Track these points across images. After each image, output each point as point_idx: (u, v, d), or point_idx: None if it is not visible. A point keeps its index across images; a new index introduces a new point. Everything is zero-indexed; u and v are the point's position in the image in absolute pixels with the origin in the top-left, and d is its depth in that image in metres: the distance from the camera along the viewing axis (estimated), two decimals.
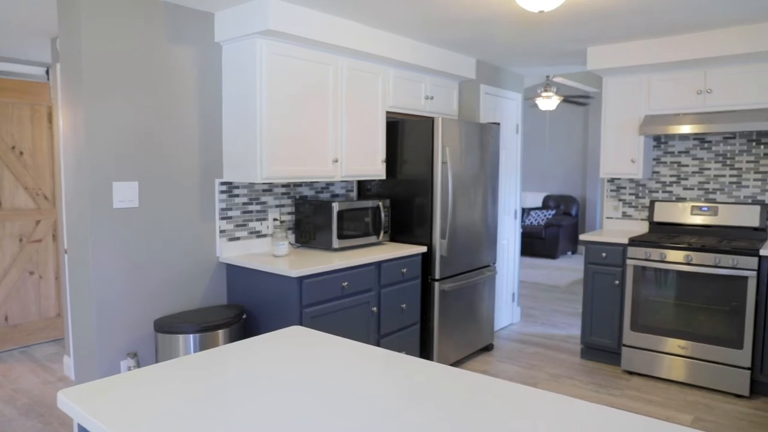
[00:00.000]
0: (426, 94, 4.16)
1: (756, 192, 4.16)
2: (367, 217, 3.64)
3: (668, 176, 4.52)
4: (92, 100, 2.69)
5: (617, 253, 4.10)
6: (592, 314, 4.25)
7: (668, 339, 3.88)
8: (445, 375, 1.39)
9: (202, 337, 2.81)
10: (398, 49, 3.78)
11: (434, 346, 3.84)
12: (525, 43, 4.11)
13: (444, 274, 3.87)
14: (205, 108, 3.16)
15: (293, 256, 3.31)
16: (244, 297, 3.21)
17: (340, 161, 3.52)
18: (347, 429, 1.10)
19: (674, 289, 3.85)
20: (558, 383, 3.89)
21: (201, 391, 1.29)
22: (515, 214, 5.31)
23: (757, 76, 3.79)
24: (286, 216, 3.64)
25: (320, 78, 3.35)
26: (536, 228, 9.11)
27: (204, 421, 1.14)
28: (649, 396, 3.68)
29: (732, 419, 3.35)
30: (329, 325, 3.11)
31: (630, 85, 4.29)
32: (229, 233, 3.32)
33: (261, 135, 3.05)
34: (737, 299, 3.63)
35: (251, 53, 3.03)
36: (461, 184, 3.97)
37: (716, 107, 3.94)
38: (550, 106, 7.46)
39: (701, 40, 3.79)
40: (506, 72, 5.19)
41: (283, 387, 1.32)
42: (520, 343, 4.76)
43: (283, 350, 1.59)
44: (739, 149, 4.21)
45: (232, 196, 3.33)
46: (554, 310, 5.87)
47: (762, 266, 3.57)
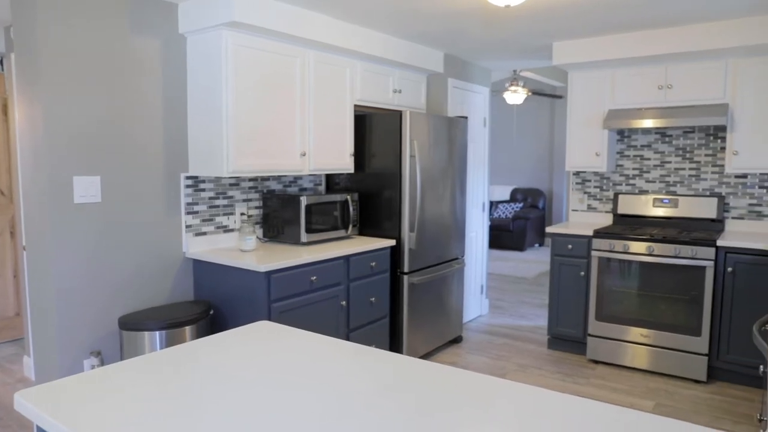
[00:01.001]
0: (394, 88, 4.16)
1: (714, 185, 4.29)
2: (336, 211, 3.62)
3: (631, 169, 4.62)
4: (50, 92, 2.61)
5: (582, 245, 4.18)
6: (559, 305, 4.33)
7: (631, 328, 3.98)
8: (414, 368, 1.40)
9: (168, 333, 2.76)
10: (366, 42, 3.76)
11: (404, 339, 3.86)
12: (492, 37, 4.14)
13: (413, 267, 3.89)
14: (169, 101, 3.09)
15: (261, 250, 3.28)
16: (212, 293, 3.17)
17: (308, 155, 3.49)
18: (317, 423, 1.10)
19: (637, 279, 3.95)
20: (525, 373, 3.96)
21: (167, 388, 1.27)
22: (483, 207, 5.37)
23: (714, 72, 3.90)
24: (253, 210, 3.60)
25: (287, 71, 3.32)
26: (504, 221, 9.22)
27: (171, 419, 1.12)
28: (613, 384, 3.77)
29: (691, 404, 3.46)
30: (298, 320, 3.10)
31: (594, 80, 4.36)
32: (196, 228, 3.27)
33: (227, 128, 3.00)
34: (696, 288, 3.74)
35: (216, 45, 2.98)
36: (429, 178, 3.99)
37: (676, 102, 4.04)
38: (517, 100, 7.54)
39: (663, 37, 3.87)
40: (474, 66, 5.23)
41: (252, 383, 1.31)
42: (488, 335, 4.82)
43: (251, 346, 1.57)
44: (698, 143, 4.33)
45: (198, 191, 3.28)
46: (522, 302, 5.96)
47: (719, 256, 3.69)
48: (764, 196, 4.11)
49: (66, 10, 2.63)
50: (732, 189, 4.22)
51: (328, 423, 1.10)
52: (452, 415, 1.13)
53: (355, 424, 1.09)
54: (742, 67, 3.82)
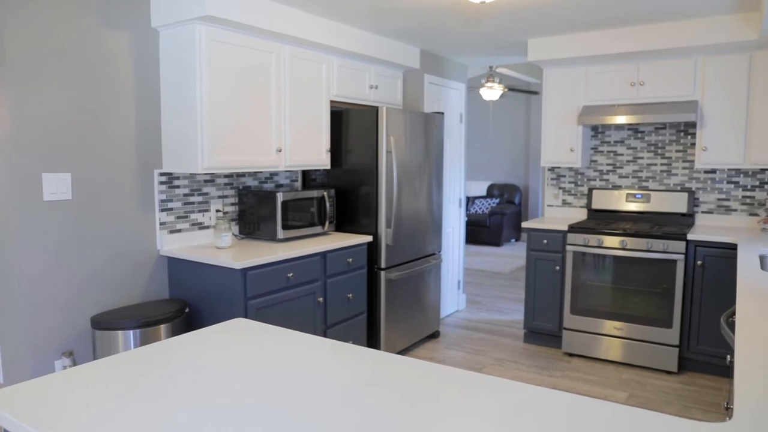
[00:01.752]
0: (370, 84, 4.15)
1: (684, 180, 4.38)
2: (313, 207, 3.61)
3: (605, 165, 4.69)
4: (17, 87, 2.54)
5: (557, 239, 4.23)
6: (535, 299, 4.38)
7: (605, 321, 4.04)
8: (391, 363, 1.40)
9: (142, 332, 2.72)
10: (342, 37, 3.75)
11: (381, 335, 3.87)
12: (468, 33, 4.15)
13: (390, 263, 3.89)
14: (142, 96, 3.04)
15: (237, 247, 3.25)
16: (187, 290, 3.13)
17: (284, 151, 3.47)
18: (294, 421, 1.09)
19: (611, 273, 4.01)
20: (502, 367, 4.00)
21: (141, 387, 1.25)
22: (460, 203, 5.39)
23: (684, 70, 3.97)
24: (229, 207, 3.56)
25: (263, 66, 3.28)
26: (481, 216, 9.29)
27: (146, 419, 1.10)
28: (587, 376, 3.84)
29: (662, 394, 3.53)
30: (275, 317, 3.08)
31: (569, 77, 4.41)
32: (170, 225, 3.22)
33: (201, 124, 2.96)
34: (667, 281, 3.81)
35: (190, 40, 2.93)
36: (406, 174, 3.99)
37: (648, 99, 4.11)
38: (493, 97, 7.59)
39: (635, 35, 3.93)
40: (450, 62, 5.24)
41: (228, 381, 1.29)
42: (465, 330, 4.85)
43: (227, 343, 1.56)
44: (669, 139, 4.42)
45: (173, 187, 3.23)
46: (498, 297, 6.01)
47: (689, 250, 3.77)
48: (732, 191, 4.20)
49: (32, 1, 2.56)
50: (701, 184, 4.31)
51: (306, 419, 1.10)
52: (431, 412, 1.13)
53: (334, 420, 1.09)
54: (710, 64, 3.90)
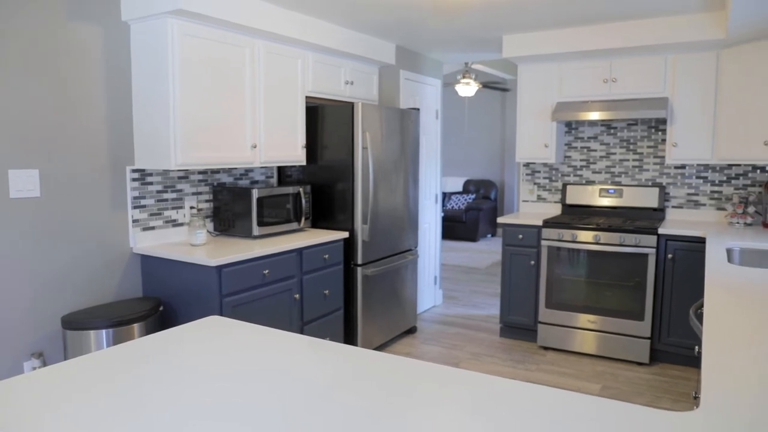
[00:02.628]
0: (346, 79, 4.14)
1: (655, 175, 4.46)
2: (288, 204, 3.59)
3: (579, 160, 4.75)
4: None
5: (532, 234, 4.28)
6: (510, 294, 4.42)
7: (579, 315, 4.11)
8: (368, 359, 1.40)
9: (115, 332, 2.68)
10: (317, 33, 3.72)
11: (358, 331, 3.87)
12: (443, 29, 4.17)
13: (366, 259, 3.89)
14: (113, 91, 2.98)
15: (212, 244, 3.22)
16: (161, 289, 3.09)
17: (259, 147, 3.44)
18: (271, 418, 1.09)
19: (585, 267, 4.07)
20: (479, 361, 4.03)
21: (113, 387, 1.23)
22: (436, 199, 5.42)
23: (654, 67, 4.05)
24: (203, 204, 3.52)
25: (237, 61, 3.25)
26: (457, 212, 9.34)
27: (118, 420, 1.08)
28: (562, 369, 3.89)
29: (634, 385, 3.60)
30: (251, 314, 3.06)
31: (543, 73, 4.45)
32: (143, 223, 3.18)
33: (174, 120, 2.92)
34: (639, 275, 3.89)
35: (162, 34, 2.89)
36: (382, 170, 4.00)
37: (620, 95, 4.17)
38: (469, 93, 7.62)
39: (607, 32, 3.99)
40: (426, 58, 5.25)
41: (202, 379, 1.28)
42: (442, 325, 4.88)
43: (201, 341, 1.55)
44: (641, 135, 4.49)
45: (146, 184, 3.18)
46: (475, 292, 6.06)
47: (660, 244, 3.84)
48: (701, 186, 4.30)
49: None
50: (672, 179, 4.40)
51: (283, 416, 1.09)
52: (407, 408, 1.14)
53: (311, 416, 1.09)
54: (680, 62, 3.98)
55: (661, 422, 1.03)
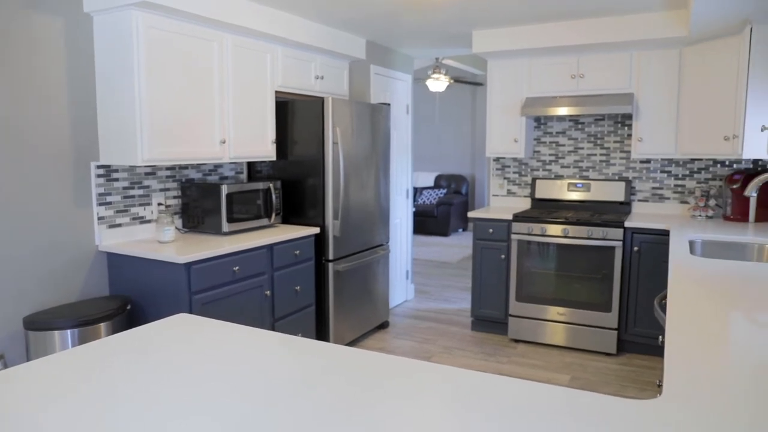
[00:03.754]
0: (316, 74, 4.11)
1: (621, 170, 4.55)
2: (258, 200, 3.55)
3: (547, 155, 4.81)
4: None
5: (503, 228, 4.32)
6: (481, 288, 4.47)
7: (549, 307, 4.17)
8: (340, 355, 1.40)
9: (81, 332, 2.62)
10: (287, 27, 3.69)
11: (330, 327, 3.86)
12: (414, 24, 4.17)
13: (338, 254, 3.88)
14: (75, 85, 2.90)
15: (181, 241, 3.17)
16: (129, 287, 3.03)
17: (228, 142, 3.39)
18: (240, 416, 1.08)
19: (554, 260, 4.14)
20: (451, 355, 4.06)
21: (78, 388, 1.21)
22: (407, 194, 5.43)
23: (620, 63, 4.12)
24: (172, 200, 3.47)
25: (204, 55, 3.20)
26: (428, 207, 9.38)
27: (83, 421, 1.06)
28: (532, 361, 3.95)
29: (602, 375, 3.68)
30: (221, 312, 3.02)
31: (512, 69, 4.50)
32: (109, 220, 3.11)
33: (140, 115, 2.86)
34: (606, 267, 3.97)
35: (126, 27, 2.82)
36: (353, 165, 3.99)
37: (588, 91, 4.24)
38: (439, 88, 7.65)
39: (575, 28, 4.04)
40: (396, 53, 5.25)
41: (171, 378, 1.26)
42: (414, 319, 4.90)
43: (169, 340, 1.52)
44: (608, 130, 4.58)
45: (111, 180, 3.11)
46: (446, 286, 6.10)
47: (626, 237, 3.93)
48: (665, 180, 4.40)
49: None
50: (638, 173, 4.50)
51: (253, 413, 1.08)
52: (378, 399, 1.14)
53: (281, 413, 1.08)
54: (644, 59, 4.06)
55: (626, 410, 1.06)
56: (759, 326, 1.57)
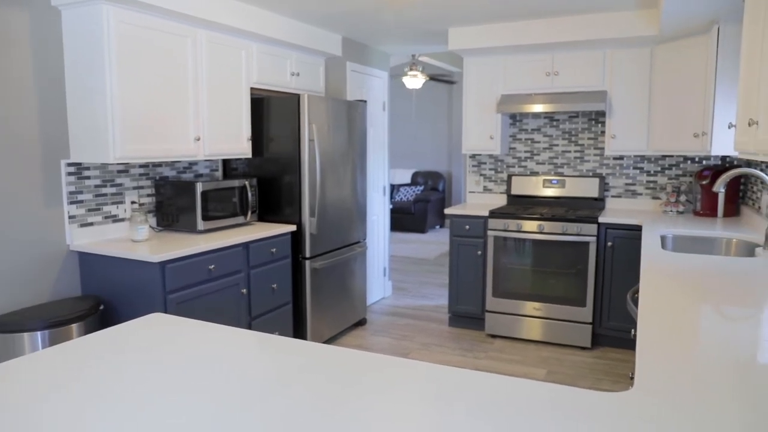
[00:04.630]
0: (292, 71, 4.08)
1: (595, 166, 4.61)
2: (234, 197, 3.52)
3: (523, 152, 4.86)
4: None
5: (479, 225, 4.35)
6: (458, 284, 4.49)
7: (525, 302, 4.22)
8: (317, 353, 1.40)
9: (51, 333, 2.57)
10: (262, 23, 3.66)
11: (307, 325, 3.85)
12: (389, 21, 4.17)
13: (314, 252, 3.87)
14: (44, 81, 2.83)
15: (155, 240, 3.12)
16: (102, 287, 2.98)
17: (203, 139, 3.35)
18: (216, 415, 1.07)
19: (530, 256, 4.18)
20: (428, 351, 4.08)
21: (46, 391, 1.18)
22: (384, 191, 5.43)
23: (594, 61, 4.18)
24: (145, 198, 3.41)
25: (178, 51, 3.15)
26: (406, 204, 9.40)
27: (50, 425, 1.04)
28: (509, 356, 3.99)
29: (577, 369, 3.73)
30: (197, 311, 2.99)
31: (488, 66, 4.52)
32: (81, 219, 3.05)
33: (112, 112, 2.81)
34: (581, 263, 4.02)
35: (96, 21, 2.76)
36: (329, 162, 3.97)
37: (562, 88, 4.29)
38: (416, 85, 7.66)
39: (549, 26, 4.08)
40: (372, 50, 5.24)
41: (144, 379, 1.24)
42: (392, 316, 4.91)
43: (142, 339, 1.50)
44: (582, 127, 4.64)
45: (83, 178, 3.05)
46: (424, 282, 6.12)
47: (600, 232, 3.99)
48: (638, 176, 4.48)
49: None
50: (611, 170, 4.56)
51: (230, 413, 1.07)
52: (355, 396, 1.14)
53: (257, 413, 1.08)
54: (617, 57, 4.12)
55: (599, 403, 1.07)
56: (727, 319, 1.61)
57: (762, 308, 1.73)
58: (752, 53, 2.11)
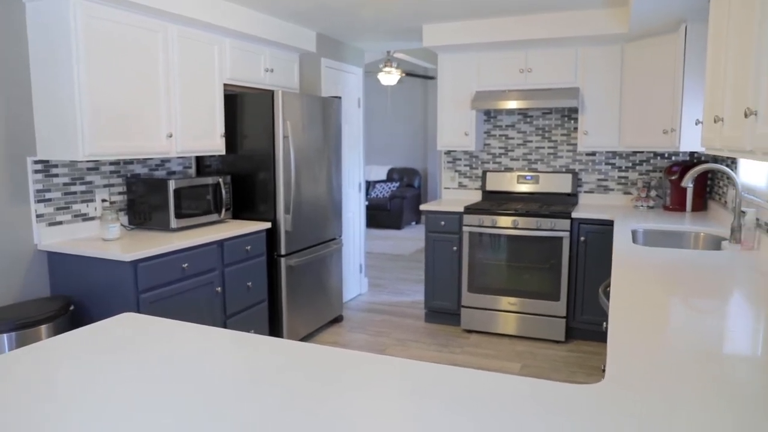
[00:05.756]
0: (266, 67, 4.04)
1: (568, 162, 4.68)
2: (208, 195, 3.48)
3: (497, 148, 4.90)
4: None
5: (454, 221, 4.38)
6: (434, 280, 4.51)
7: (500, 297, 4.26)
8: (293, 350, 1.39)
9: (19, 335, 2.51)
10: (235, 18, 3.61)
11: (283, 322, 3.83)
12: (364, 17, 4.15)
13: (290, 249, 3.85)
14: (7, 76, 2.76)
15: (127, 239, 3.07)
16: (72, 287, 2.92)
17: (175, 136, 3.30)
18: (193, 418, 1.06)
19: (505, 251, 4.22)
20: (405, 347, 4.10)
21: (13, 395, 1.15)
22: (360, 187, 5.43)
23: (567, 59, 4.23)
24: (116, 196, 3.35)
25: (149, 46, 3.10)
26: (382, 200, 9.41)
27: (24, 426, 1.01)
28: (485, 350, 4.03)
29: (551, 362, 3.79)
30: (171, 310, 2.95)
31: (462, 63, 4.54)
32: (49, 218, 2.98)
33: (81, 108, 2.75)
34: (555, 257, 4.08)
35: (63, 16, 2.70)
36: (304, 159, 3.95)
37: (536, 85, 4.33)
38: (391, 81, 7.66)
39: (523, 24, 4.12)
40: (347, 46, 5.22)
41: (116, 380, 1.22)
42: (368, 312, 4.92)
43: (113, 340, 1.47)
44: (555, 123, 4.69)
45: (50, 176, 2.98)
46: (400, 279, 6.14)
47: (573, 227, 4.04)
48: (609, 172, 4.55)
49: None
50: (584, 166, 4.63)
51: (206, 413, 1.06)
52: (332, 393, 1.13)
53: (233, 412, 1.07)
54: (589, 55, 4.18)
55: (571, 395, 1.09)
56: (696, 311, 1.65)
57: (728, 300, 1.77)
58: (717, 52, 2.16)
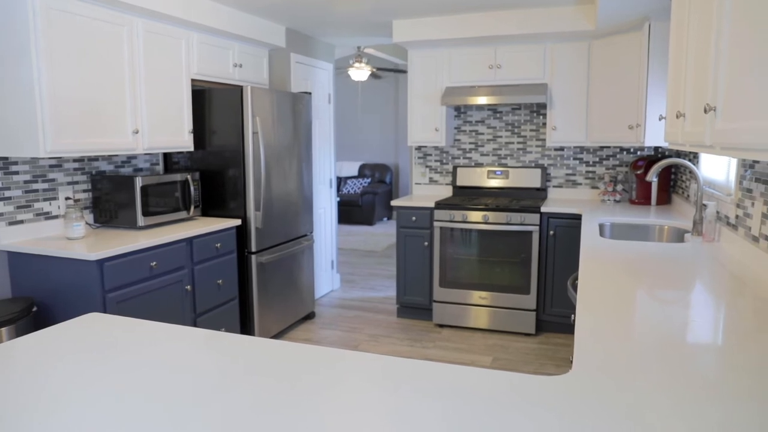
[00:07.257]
0: (234, 62, 3.99)
1: (537, 157, 4.74)
2: (176, 192, 3.42)
3: (468, 143, 4.93)
4: None
5: (425, 216, 4.40)
6: (406, 275, 4.53)
7: (471, 292, 4.30)
8: (265, 348, 1.38)
9: None
10: (202, 12, 3.56)
11: (255, 320, 3.80)
12: (333, 12, 4.13)
13: (261, 246, 3.81)
14: None
15: (92, 237, 3.00)
16: (34, 288, 2.84)
17: (142, 132, 3.24)
18: (164, 420, 1.04)
19: (476, 246, 4.26)
20: (377, 342, 4.10)
21: None
22: (331, 183, 5.41)
23: (535, 55, 4.28)
24: (81, 194, 3.27)
25: (113, 40, 3.02)
26: (353, 196, 9.39)
27: None
28: (457, 345, 4.06)
29: (522, 355, 3.84)
30: (139, 310, 2.90)
31: (432, 59, 4.56)
32: (9, 216, 2.89)
33: (41, 104, 2.67)
34: (525, 251, 4.13)
35: (20, 6, 2.61)
36: (274, 155, 3.92)
37: (505, 81, 4.37)
38: (361, 77, 7.64)
39: (492, 20, 4.15)
40: (317, 42, 5.19)
41: (80, 381, 1.19)
42: (340, 309, 4.91)
43: (78, 341, 1.44)
44: (524, 119, 4.75)
45: (10, 174, 2.90)
46: (372, 274, 6.14)
47: (542, 221, 4.10)
48: (578, 167, 4.63)
49: None
50: (552, 161, 4.70)
51: (176, 415, 1.04)
52: (305, 390, 1.13)
53: (204, 412, 1.05)
54: (557, 51, 4.24)
55: (540, 386, 1.11)
56: (660, 302, 1.69)
57: (690, 291, 1.82)
58: (679, 49, 2.21)
